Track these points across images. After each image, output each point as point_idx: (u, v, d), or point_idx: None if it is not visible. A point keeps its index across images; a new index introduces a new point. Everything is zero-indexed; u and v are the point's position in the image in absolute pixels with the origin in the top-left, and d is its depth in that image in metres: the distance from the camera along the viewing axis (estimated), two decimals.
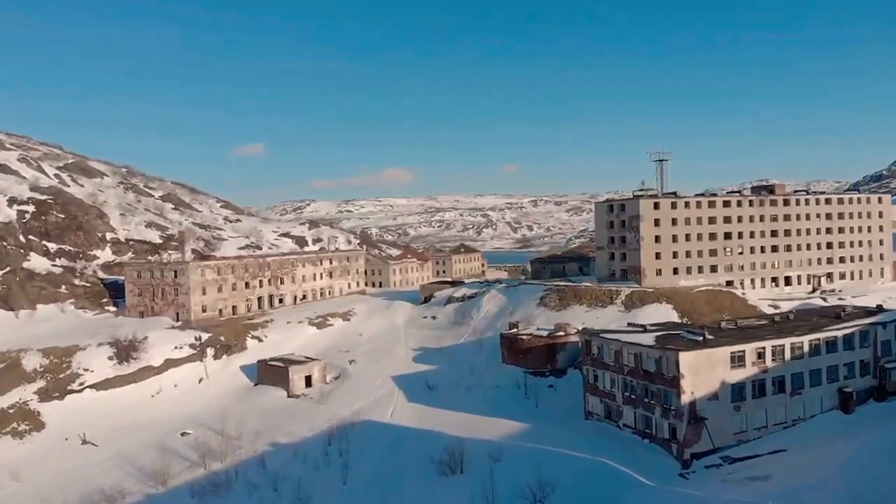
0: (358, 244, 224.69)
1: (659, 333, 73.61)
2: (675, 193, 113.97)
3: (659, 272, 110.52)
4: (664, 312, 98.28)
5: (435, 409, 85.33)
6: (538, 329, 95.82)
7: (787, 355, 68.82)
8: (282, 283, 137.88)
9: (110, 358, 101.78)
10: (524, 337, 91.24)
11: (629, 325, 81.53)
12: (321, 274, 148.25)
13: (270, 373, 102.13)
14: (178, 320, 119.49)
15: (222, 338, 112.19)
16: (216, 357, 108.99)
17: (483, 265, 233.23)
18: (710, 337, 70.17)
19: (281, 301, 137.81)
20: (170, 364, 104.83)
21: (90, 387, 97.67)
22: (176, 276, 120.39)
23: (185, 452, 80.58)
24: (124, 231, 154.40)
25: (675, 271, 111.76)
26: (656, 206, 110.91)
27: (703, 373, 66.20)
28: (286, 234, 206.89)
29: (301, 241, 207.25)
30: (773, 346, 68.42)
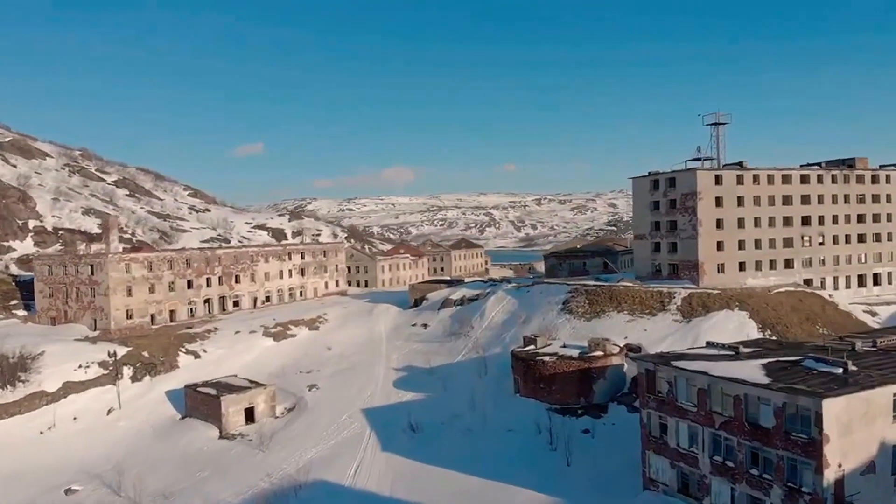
0: (346, 238, 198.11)
1: (765, 361, 46.78)
2: (741, 164, 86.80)
3: (721, 268, 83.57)
4: (737, 322, 71.46)
5: (419, 465, 58.83)
6: (564, 346, 68.99)
7: None
8: (237, 281, 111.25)
9: None
10: (546, 358, 64.41)
11: (709, 344, 54.57)
12: (290, 271, 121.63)
13: (200, 403, 75.66)
14: (95, 329, 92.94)
15: (146, 353, 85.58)
16: (135, 379, 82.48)
17: (486, 262, 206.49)
18: (854, 368, 43.50)
19: (237, 304, 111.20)
20: (70, 389, 78.26)
21: None
22: (93, 273, 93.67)
23: None
24: (54, 218, 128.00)
25: (742, 267, 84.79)
26: (718, 180, 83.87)
27: (855, 430, 39.60)
28: (261, 227, 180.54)
29: (279, 235, 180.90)
30: None
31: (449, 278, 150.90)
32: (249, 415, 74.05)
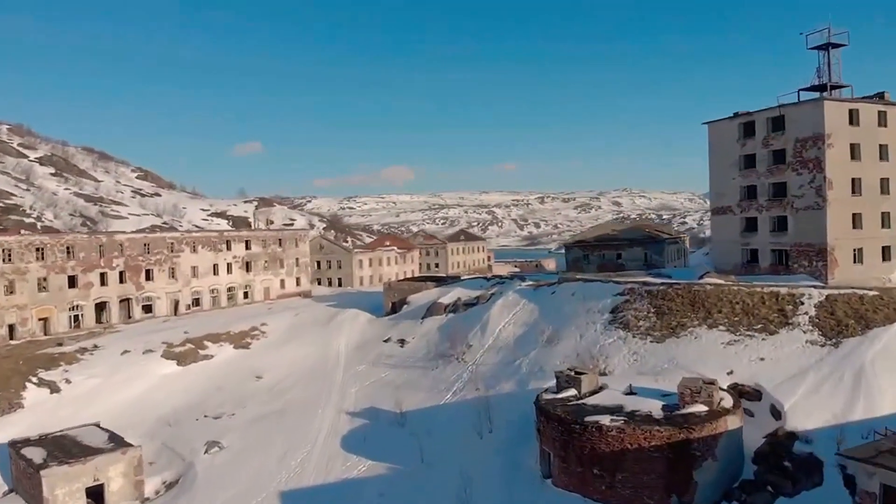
0: (323, 230, 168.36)
1: None
2: (881, 97, 56.44)
3: (858, 255, 53.38)
4: None
5: None
6: (631, 392, 38.80)
7: None
8: (148, 278, 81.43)
9: None
10: (606, 421, 34.15)
11: None
12: (229, 265, 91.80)
13: (23, 474, 46.19)
14: None
15: None
16: None
17: (489, 259, 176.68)
18: None
19: (148, 310, 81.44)
20: None
21: None
22: None
23: None
24: None
25: (887, 253, 54.62)
26: (853, 117, 53.69)
27: None
28: (220, 214, 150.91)
29: (242, 224, 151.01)
30: None
31: (445, 276, 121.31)
32: (96, 498, 44.47)
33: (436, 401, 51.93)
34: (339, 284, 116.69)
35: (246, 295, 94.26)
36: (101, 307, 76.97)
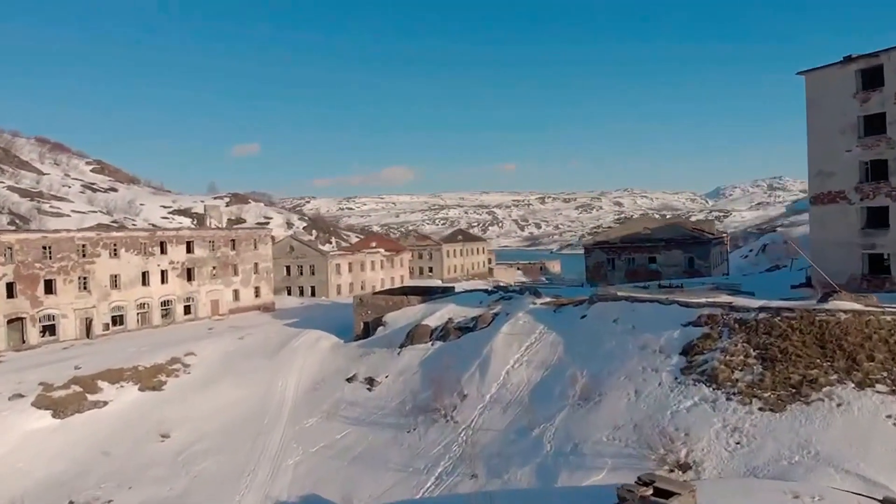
0: (303, 229, 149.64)
1: None
2: None
3: None
4: None
5: None
6: None
7: None
8: (50, 291, 62.79)
9: None
10: None
11: None
12: (164, 272, 73.19)
13: None
14: None
15: None
16: None
17: (490, 261, 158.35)
18: None
19: (50, 332, 62.80)
20: None
21: None
22: None
23: None
24: None
25: None
26: None
27: None
28: (183, 212, 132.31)
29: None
30: None
31: (435, 287, 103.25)
32: None
33: (408, 492, 33.31)
34: (313, 294, 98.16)
35: (188, 310, 75.68)
36: None
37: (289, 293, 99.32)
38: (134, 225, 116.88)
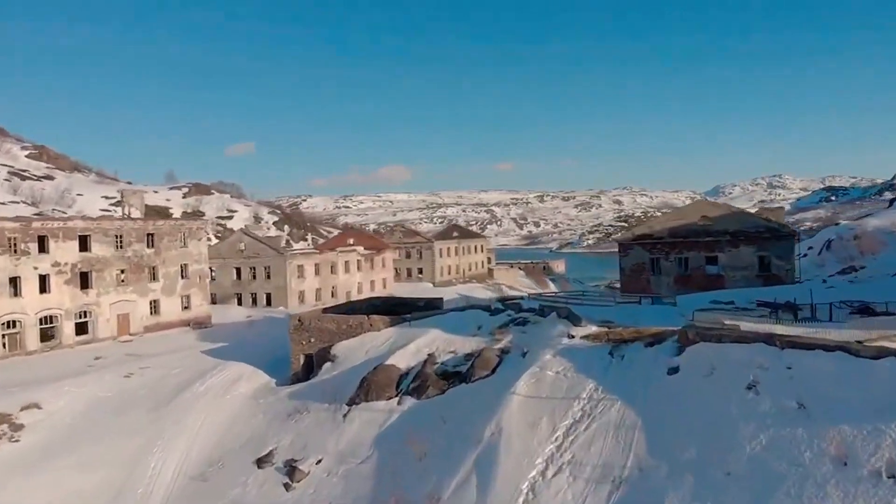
0: (274, 224, 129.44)
1: None
2: None
3: None
4: None
5: None
6: None
7: None
8: None
9: None
10: None
11: None
12: (46, 278, 53.08)
13: None
14: None
15: None
16: None
17: (490, 260, 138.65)
18: None
19: None
20: None
21: None
22: None
23: None
24: None
25: None
26: None
27: None
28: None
29: (160, 216, 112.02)
30: None
31: (429, 288, 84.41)
32: None
33: None
34: (269, 303, 78.15)
35: (82, 329, 55.57)
36: None
37: (239, 302, 79.40)
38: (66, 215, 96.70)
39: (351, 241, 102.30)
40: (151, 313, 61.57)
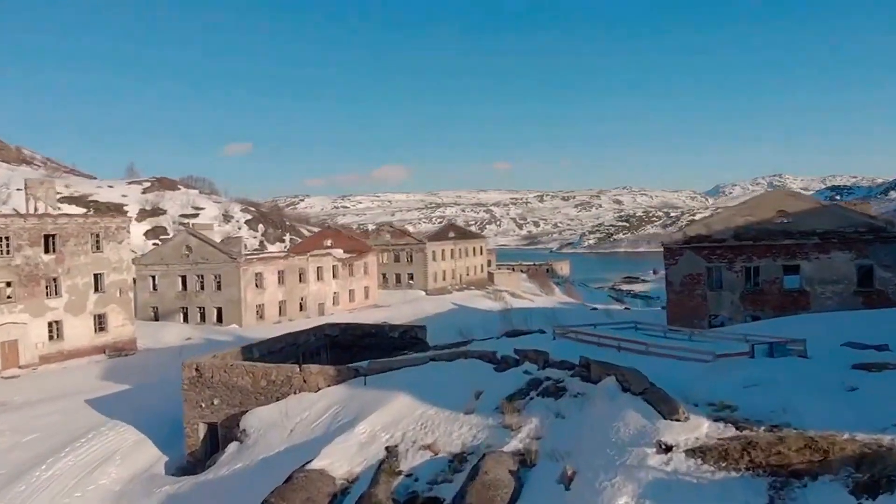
0: (246, 223, 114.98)
1: None
2: None
3: None
4: None
5: None
6: None
7: None
8: None
9: None
10: None
11: None
12: None
13: None
14: None
15: None
16: None
17: (490, 263, 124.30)
18: None
19: None
20: None
21: None
22: None
23: None
24: None
25: None
26: None
27: None
28: (78, 199, 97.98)
29: (114, 213, 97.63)
30: None
31: (421, 295, 71.07)
32: None
33: None
34: (219, 319, 63.64)
35: None
36: None
37: (185, 318, 64.89)
38: None
39: (328, 242, 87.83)
40: (51, 338, 47.20)
